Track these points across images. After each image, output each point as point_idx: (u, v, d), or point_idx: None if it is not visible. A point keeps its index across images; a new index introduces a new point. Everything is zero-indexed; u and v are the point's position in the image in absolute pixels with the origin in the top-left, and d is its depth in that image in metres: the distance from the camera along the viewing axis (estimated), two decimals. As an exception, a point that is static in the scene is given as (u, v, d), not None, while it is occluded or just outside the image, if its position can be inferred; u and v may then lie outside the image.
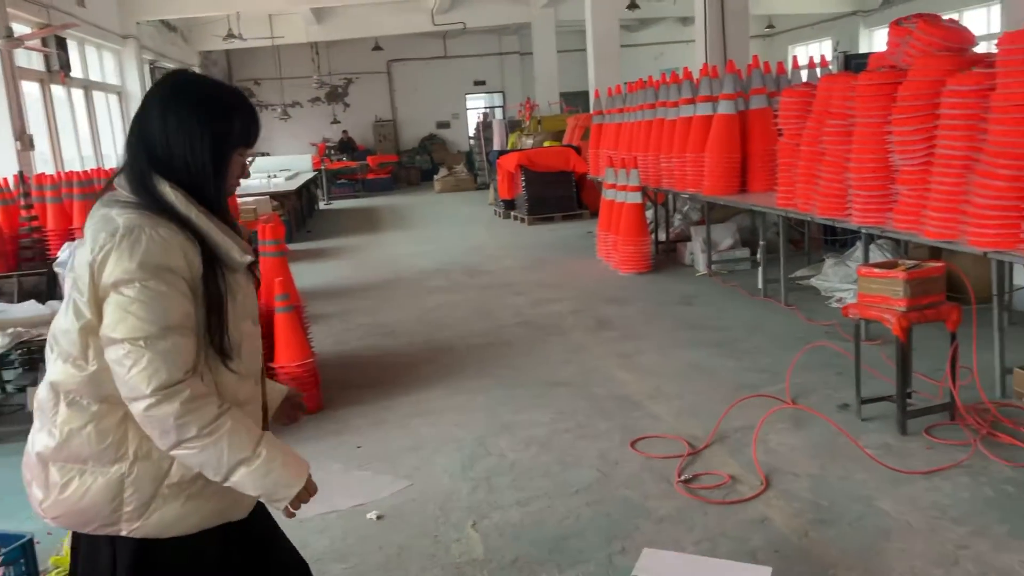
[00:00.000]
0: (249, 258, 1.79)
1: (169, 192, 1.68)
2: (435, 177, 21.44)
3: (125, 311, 1.59)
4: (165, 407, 1.59)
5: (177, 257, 1.64)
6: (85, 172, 7.71)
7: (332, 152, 22.75)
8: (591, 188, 12.86)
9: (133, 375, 1.59)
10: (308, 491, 1.78)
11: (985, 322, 4.47)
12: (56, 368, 1.72)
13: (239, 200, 10.57)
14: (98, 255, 1.61)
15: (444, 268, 9.63)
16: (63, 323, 1.71)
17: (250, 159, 1.87)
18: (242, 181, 1.86)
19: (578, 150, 13.10)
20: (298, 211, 14.15)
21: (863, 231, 5.23)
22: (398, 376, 5.50)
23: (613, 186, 8.75)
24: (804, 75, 7.88)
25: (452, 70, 24.58)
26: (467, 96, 25.55)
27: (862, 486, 3.49)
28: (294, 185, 13.94)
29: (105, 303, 1.62)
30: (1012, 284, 4.87)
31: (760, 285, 7.08)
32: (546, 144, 14.61)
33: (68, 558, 3.25)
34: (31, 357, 5.82)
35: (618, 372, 5.29)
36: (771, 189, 6.74)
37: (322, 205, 19.20)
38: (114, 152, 13.67)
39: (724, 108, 7.39)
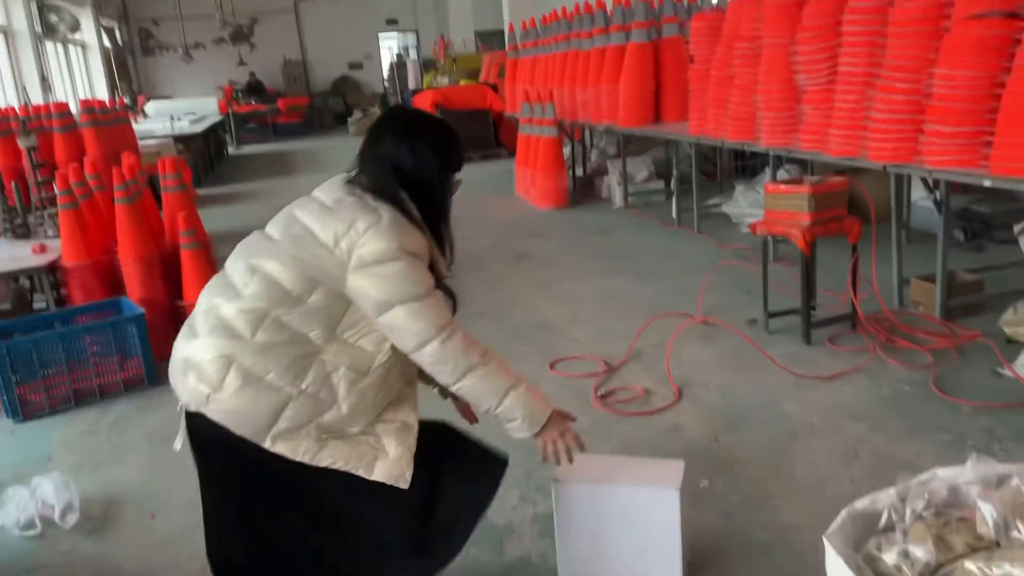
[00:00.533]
0: (448, 276, 2.14)
1: (411, 205, 1.98)
2: (349, 120, 20.88)
3: (396, 280, 1.87)
4: (454, 340, 1.90)
5: (423, 249, 1.95)
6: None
7: (239, 95, 21.85)
8: (508, 127, 12.75)
9: (420, 325, 1.88)
10: (559, 428, 2.04)
11: (884, 240, 4.65)
12: (268, 293, 1.89)
13: (140, 144, 10.07)
14: (360, 230, 1.87)
15: (360, 208, 9.44)
16: (284, 265, 1.90)
17: (459, 180, 2.18)
18: (148, 125, 1.98)
19: (494, 88, 12.94)
20: (205, 156, 13.59)
21: (771, 153, 5.34)
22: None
23: (529, 121, 8.69)
24: (715, 0, 7.93)
25: (363, 9, 23.76)
26: (380, 35, 24.83)
27: (769, 393, 3.62)
28: (200, 128, 13.36)
29: (359, 276, 1.87)
30: (910, 200, 5.07)
31: (674, 215, 7.20)
32: (462, 83, 14.38)
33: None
34: None
35: (537, 301, 5.32)
36: (685, 118, 6.79)
37: (232, 150, 18.50)
38: (2, 93, 12.82)
39: (637, 37, 7.38)
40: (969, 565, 1.19)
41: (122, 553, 2.82)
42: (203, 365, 1.88)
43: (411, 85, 17.66)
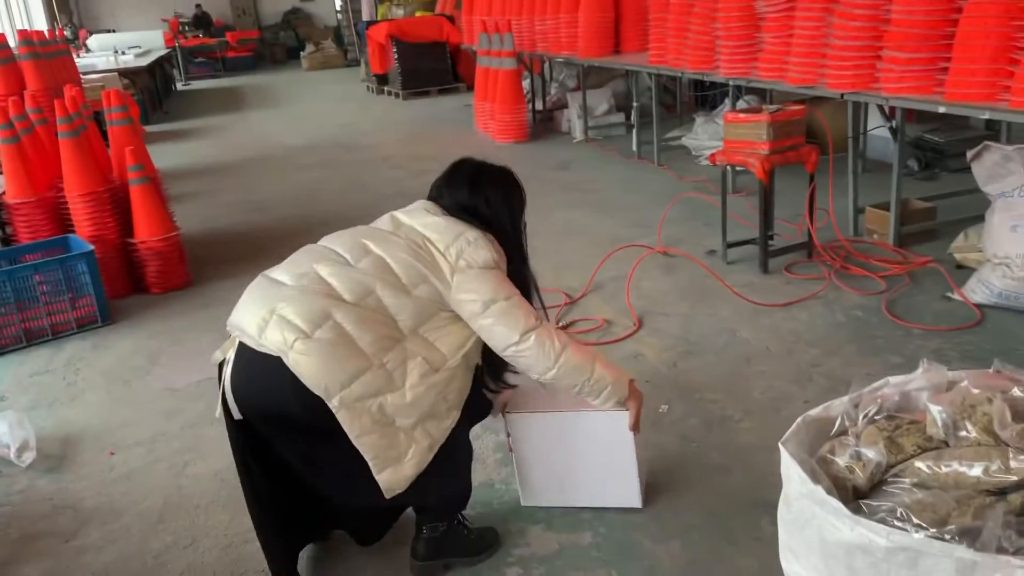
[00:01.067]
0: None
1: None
2: (302, 54, 20.32)
3: (500, 282, 2.07)
4: (540, 335, 2.07)
5: (504, 264, 2.13)
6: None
7: (186, 28, 21.07)
8: (467, 60, 12.49)
9: (520, 317, 2.06)
10: (639, 396, 2.28)
11: (840, 171, 4.69)
12: (376, 273, 2.03)
13: (83, 79, 9.66)
14: (470, 239, 2.08)
15: (316, 145, 9.25)
16: (396, 253, 2.06)
17: (526, 223, 2.36)
18: (90, 60, 1.95)
19: (452, 20, 12.62)
20: (152, 91, 13.13)
21: (730, 83, 5.31)
22: (271, 250, 5.28)
23: (488, 53, 8.51)
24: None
25: (314, -64, 22.92)
26: (332, -34, 23.98)
27: (726, 320, 3.67)
28: (145, 62, 12.88)
29: (467, 276, 2.04)
30: (866, 130, 5.10)
31: (635, 148, 7.17)
32: (418, 14, 14.00)
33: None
34: None
35: (497, 234, 5.28)
36: (644, 49, 6.70)
37: (180, 86, 17.91)
38: None
39: (596, -36, 7.21)
40: (919, 464, 1.23)
41: (82, 489, 2.79)
42: (298, 316, 1.94)
43: (365, 17, 17.13)
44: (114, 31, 18.35)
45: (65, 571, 2.39)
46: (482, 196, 2.21)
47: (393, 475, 1.99)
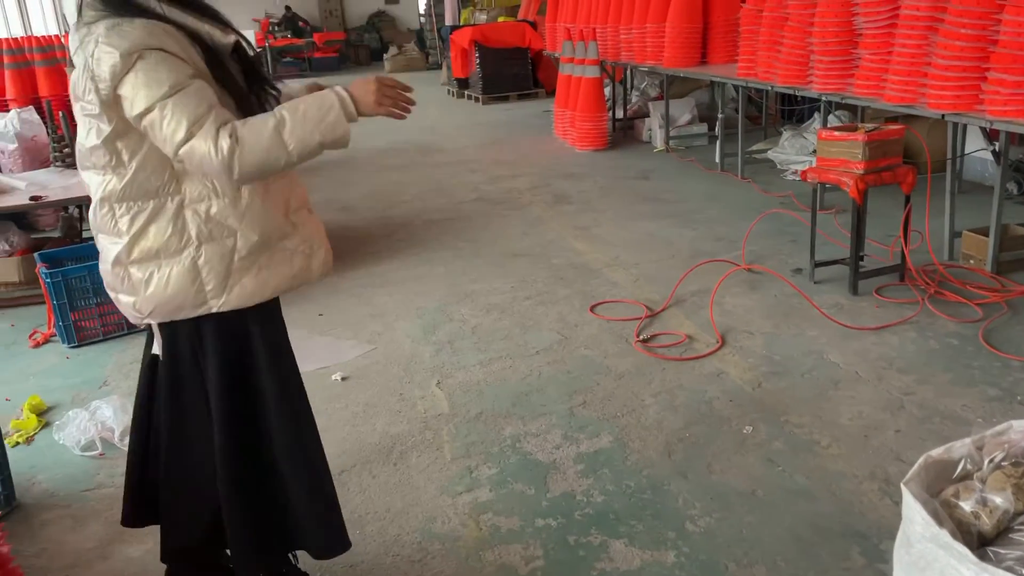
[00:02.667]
0: (232, 37, 1.89)
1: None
2: (385, 56, 20.67)
3: (134, 89, 1.70)
4: (203, 134, 1.69)
5: (162, 39, 1.72)
6: (15, 39, 7.20)
7: (276, 28, 21.70)
8: (547, 66, 12.55)
9: (168, 129, 1.70)
10: (371, 89, 1.82)
11: (937, 191, 4.56)
12: (99, 182, 1.84)
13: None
14: (92, 63, 1.71)
15: (398, 147, 9.42)
16: (88, 142, 1.80)
17: None
18: None
19: (534, 25, 12.69)
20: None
21: (823, 98, 5.21)
22: (356, 249, 5.43)
23: (571, 60, 8.53)
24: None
25: (401, -59, 23.33)
26: (417, -30, 24.36)
27: (813, 342, 3.60)
28: (238, 61, 13.30)
29: (118, 100, 1.72)
30: (964, 150, 4.94)
31: (717, 159, 7.09)
32: (500, 20, 14.12)
33: (29, 421, 3.23)
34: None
35: (576, 243, 5.30)
36: (731, 60, 6.64)
37: (268, 85, 18.45)
38: (43, 21, 12.84)
39: (686, -25, 7.16)
40: (1047, 514, 1.19)
41: (179, 476, 2.92)
42: (114, 280, 1.90)
43: (448, 21, 17.37)
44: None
45: (164, 553, 2.51)
46: None
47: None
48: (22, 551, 2.48)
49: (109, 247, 1.88)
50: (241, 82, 1.89)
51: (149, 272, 1.85)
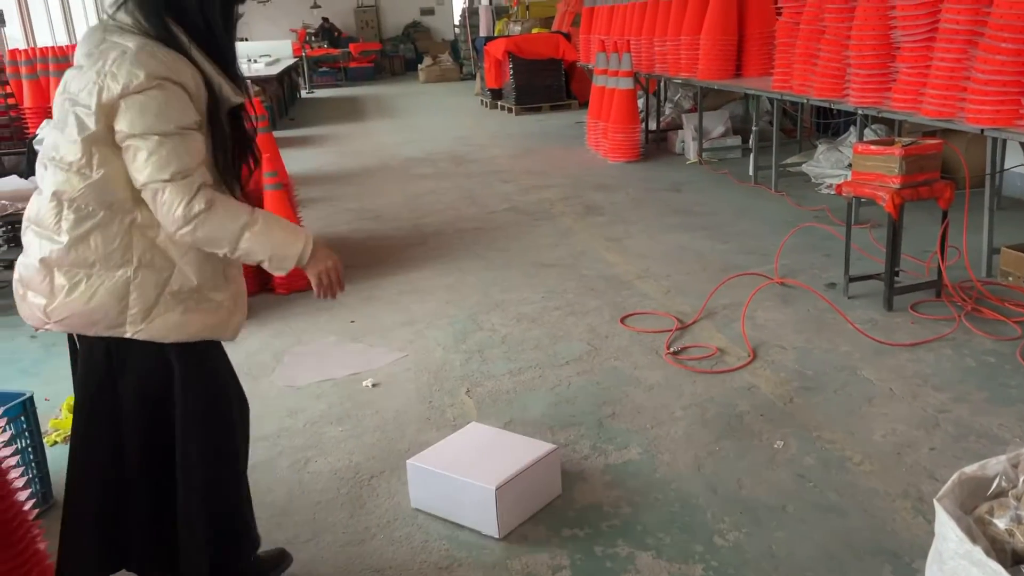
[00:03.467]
0: (240, 99, 1.94)
1: (175, 28, 1.83)
2: (419, 67, 20.88)
3: (141, 111, 1.74)
4: (178, 186, 1.76)
5: (182, 74, 1.79)
6: (61, 48, 7.39)
7: (313, 39, 22.01)
8: (580, 77, 12.57)
9: (152, 163, 1.75)
10: (327, 260, 1.93)
11: (975, 207, 4.50)
12: (57, 178, 1.82)
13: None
14: (110, 68, 1.74)
15: (430, 157, 9.49)
16: (62, 137, 1.81)
17: (242, 13, 2.03)
18: None
19: (568, 37, 12.74)
20: (280, 98, 13.78)
21: (859, 112, 5.17)
22: (387, 258, 5.48)
23: (604, 72, 8.55)
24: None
25: (437, -47, 23.56)
26: (452, -19, 24.59)
27: (847, 357, 3.57)
28: (275, 71, 13.53)
29: (118, 111, 1.76)
30: (1003, 166, 4.86)
31: (751, 172, 7.05)
32: (535, 31, 14.19)
33: (67, 421, 3.31)
34: (15, 234, 5.76)
35: (607, 254, 5.30)
36: (766, 73, 6.61)
37: (304, 93, 18.72)
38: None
39: (722, -12, 7.15)
40: (1084, 533, 1.17)
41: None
42: (32, 277, 1.86)
43: (482, 32, 17.49)
44: (247, 39, 19.32)
45: (197, 553, 2.55)
46: None
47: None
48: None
49: (41, 243, 1.84)
50: (228, 142, 1.93)
51: (76, 280, 1.82)
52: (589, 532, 2.49)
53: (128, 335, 1.86)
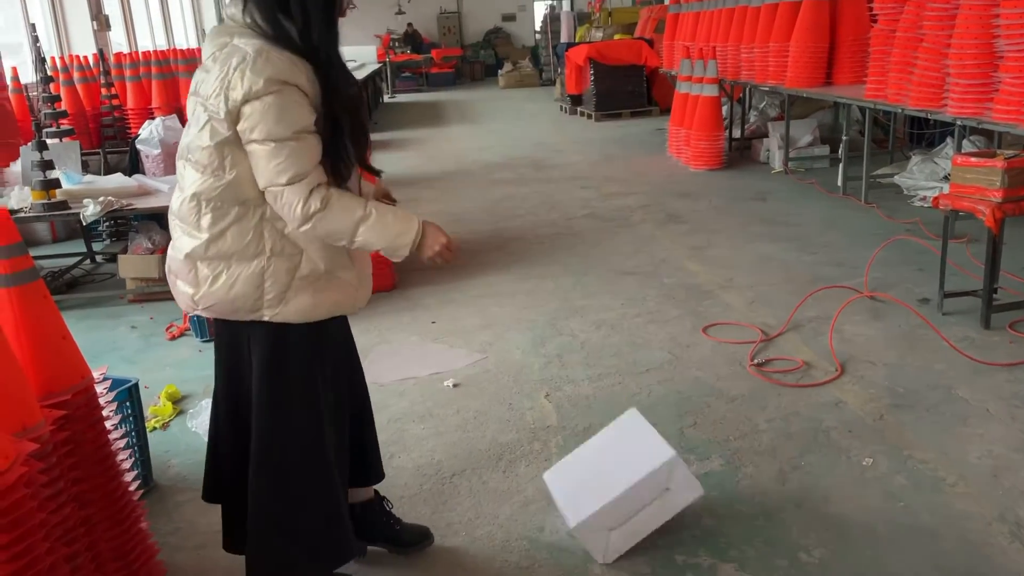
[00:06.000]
0: (353, 89, 2.02)
1: (290, 27, 1.89)
2: (499, 72, 21.05)
3: (261, 117, 1.84)
4: (294, 189, 1.87)
5: (298, 76, 1.86)
6: (162, 52, 7.75)
7: (396, 44, 22.43)
8: (662, 84, 12.47)
9: (271, 168, 1.87)
10: (440, 242, 2.02)
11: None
12: (195, 179, 1.96)
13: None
14: (232, 75, 1.84)
15: (510, 162, 9.55)
16: (197, 140, 1.93)
17: (352, 5, 2.08)
18: None
19: (651, 43, 12.65)
20: (366, 103, 14.09)
21: (958, 122, 4.99)
22: (468, 261, 5.55)
23: (688, 78, 8.47)
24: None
25: (520, -40, 23.72)
26: (535, -12, 24.73)
27: (940, 375, 3.45)
28: (361, 75, 13.83)
29: (240, 116, 1.86)
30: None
31: (839, 182, 6.87)
32: (617, 37, 14.14)
33: (165, 408, 3.46)
34: (118, 229, 6.07)
35: (688, 263, 5.25)
36: (858, 81, 6.44)
37: (386, 98, 19.09)
38: (184, 35, 13.71)
39: (813, -7, 7.00)
40: None
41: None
42: (179, 269, 2.03)
43: (564, 38, 17.51)
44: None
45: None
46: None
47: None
48: (159, 528, 2.66)
49: (185, 239, 1.99)
50: (342, 133, 1.97)
51: (218, 271, 1.97)
52: (670, 540, 2.48)
53: (266, 318, 2.00)
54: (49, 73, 6.39)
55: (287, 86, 1.84)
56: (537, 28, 23.36)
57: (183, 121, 6.55)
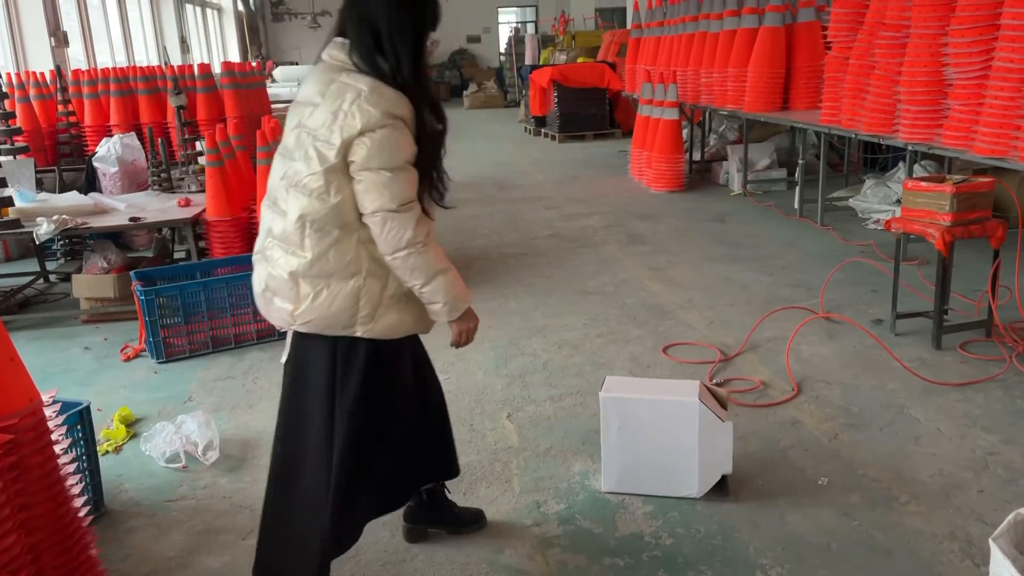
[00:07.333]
0: (441, 126, 2.18)
1: (384, 66, 2.05)
2: (464, 93, 21.15)
3: (379, 148, 2.00)
4: (404, 217, 2.05)
5: (403, 110, 2.04)
6: (121, 69, 7.65)
7: (361, 64, 22.42)
8: (624, 107, 12.64)
9: (385, 195, 2.02)
10: (472, 321, 2.26)
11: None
12: (301, 203, 2.08)
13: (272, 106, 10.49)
14: (349, 108, 2.00)
15: (474, 182, 9.59)
16: (305, 167, 2.07)
17: (437, 40, 2.19)
18: (275, 90, 2.25)
19: (613, 67, 12.83)
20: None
21: (910, 147, 5.13)
22: (431, 280, 5.53)
23: (650, 102, 8.59)
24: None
25: (484, -18, 23.92)
26: (499, 10, 24.94)
27: (894, 395, 3.52)
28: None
29: (354, 146, 2.01)
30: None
31: (796, 205, 7.00)
32: (580, 60, 14.31)
33: (119, 431, 3.39)
34: (72, 248, 5.96)
35: (649, 283, 5.30)
36: (814, 107, 6.60)
37: (351, 118, 19.02)
38: (145, 52, 13.56)
39: (770, 21, 7.18)
40: None
41: (258, 491, 2.98)
42: (280, 286, 2.14)
43: (528, 60, 17.69)
44: (298, 63, 19.78)
45: (241, 567, 2.59)
46: (383, 12, 2.06)
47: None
48: (109, 555, 2.60)
49: (288, 258, 2.12)
50: (431, 168, 2.16)
51: (319, 289, 2.10)
52: (630, 562, 2.48)
53: (359, 334, 2.14)
54: (4, 89, 6.26)
55: (398, 120, 2.01)
56: (502, 50, 23.55)
57: (142, 140, 6.49)
